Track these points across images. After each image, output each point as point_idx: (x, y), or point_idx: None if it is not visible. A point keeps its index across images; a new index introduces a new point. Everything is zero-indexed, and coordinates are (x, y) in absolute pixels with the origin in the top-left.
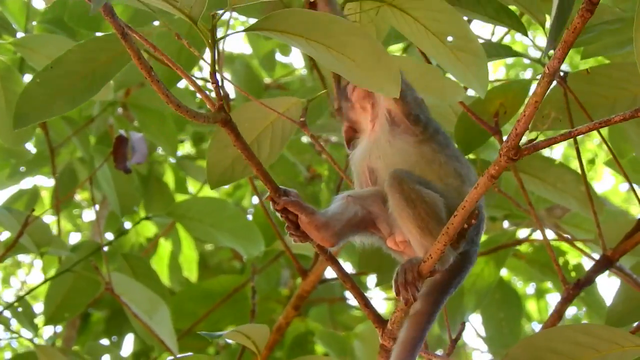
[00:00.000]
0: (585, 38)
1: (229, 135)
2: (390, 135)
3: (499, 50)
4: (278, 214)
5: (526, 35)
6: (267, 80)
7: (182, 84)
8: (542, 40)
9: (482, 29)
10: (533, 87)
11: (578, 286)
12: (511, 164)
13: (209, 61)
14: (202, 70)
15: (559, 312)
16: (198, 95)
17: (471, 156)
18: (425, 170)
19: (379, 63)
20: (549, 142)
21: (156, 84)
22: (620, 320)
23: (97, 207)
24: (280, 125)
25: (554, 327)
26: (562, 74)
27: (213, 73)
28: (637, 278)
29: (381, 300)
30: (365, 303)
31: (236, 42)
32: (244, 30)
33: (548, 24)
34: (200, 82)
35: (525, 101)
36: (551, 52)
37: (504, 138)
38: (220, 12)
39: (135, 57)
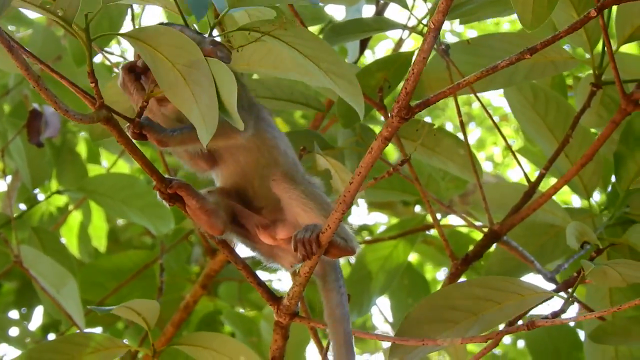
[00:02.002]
0: (467, 9)
1: (112, 133)
2: None
3: (380, 23)
4: (165, 203)
5: (406, 7)
6: None
7: (98, 58)
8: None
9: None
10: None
11: (466, 261)
12: (404, 123)
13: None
14: (120, 44)
15: None
16: (115, 70)
17: None
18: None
19: (207, 116)
20: (439, 97)
21: (44, 92)
22: None
23: (9, 178)
24: None
25: (452, 285)
26: (443, 46)
27: (91, 73)
28: (523, 251)
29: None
30: (258, 282)
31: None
32: (118, 34)
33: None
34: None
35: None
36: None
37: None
38: (93, 12)
39: (22, 69)
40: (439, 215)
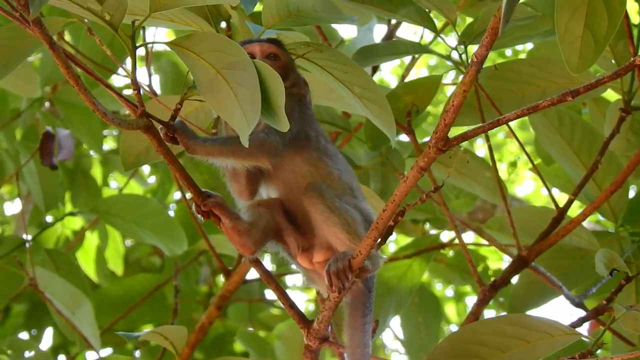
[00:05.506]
0: None
1: (152, 142)
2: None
3: (408, 47)
4: (199, 216)
5: (436, 32)
6: None
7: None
8: (453, 40)
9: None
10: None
11: (494, 287)
12: (441, 155)
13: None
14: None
15: (475, 313)
16: (128, 92)
17: None
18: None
19: (249, 113)
20: (477, 131)
21: (83, 93)
22: (523, 305)
23: (22, 201)
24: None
25: (480, 321)
26: None
27: (134, 80)
28: (551, 276)
29: (302, 301)
30: (290, 304)
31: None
32: (163, 42)
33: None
34: (128, 81)
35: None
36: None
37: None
38: (139, 19)
39: (63, 66)
40: (449, 233)
